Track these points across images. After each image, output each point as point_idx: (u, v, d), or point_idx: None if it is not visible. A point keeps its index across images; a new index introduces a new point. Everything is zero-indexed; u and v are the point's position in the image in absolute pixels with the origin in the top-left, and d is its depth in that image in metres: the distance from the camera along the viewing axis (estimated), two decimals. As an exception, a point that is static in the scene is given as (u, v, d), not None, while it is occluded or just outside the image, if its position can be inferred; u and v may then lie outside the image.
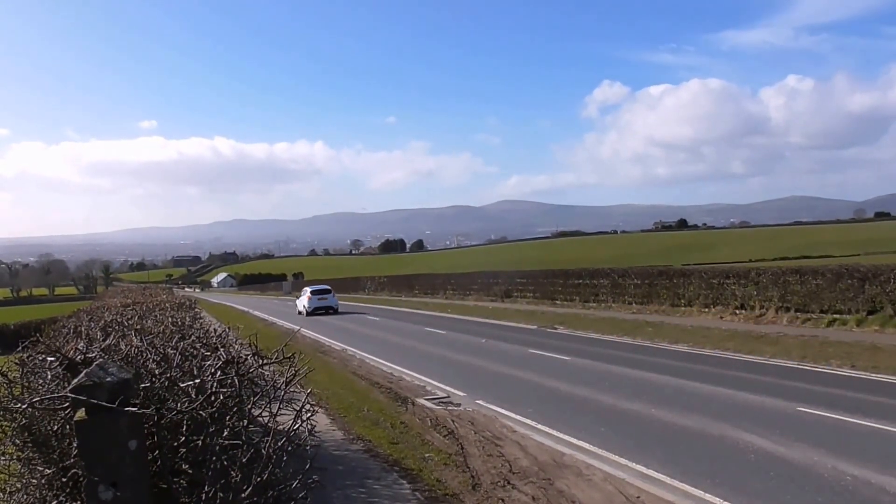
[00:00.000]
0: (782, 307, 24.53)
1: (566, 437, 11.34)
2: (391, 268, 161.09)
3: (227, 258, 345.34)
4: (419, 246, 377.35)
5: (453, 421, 12.75)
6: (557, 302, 38.64)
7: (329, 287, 51.83)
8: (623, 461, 9.83)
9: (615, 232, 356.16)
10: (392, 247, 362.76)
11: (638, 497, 8.43)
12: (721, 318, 26.27)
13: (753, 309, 25.61)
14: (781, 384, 14.57)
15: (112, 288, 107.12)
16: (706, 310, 27.90)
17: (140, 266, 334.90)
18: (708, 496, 8.28)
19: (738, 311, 26.28)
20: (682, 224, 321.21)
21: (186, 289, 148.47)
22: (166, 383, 4.03)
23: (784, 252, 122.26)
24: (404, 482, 9.04)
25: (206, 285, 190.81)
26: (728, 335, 21.82)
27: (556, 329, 28.25)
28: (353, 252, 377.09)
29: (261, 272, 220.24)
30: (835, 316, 22.63)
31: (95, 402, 3.07)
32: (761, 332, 21.76)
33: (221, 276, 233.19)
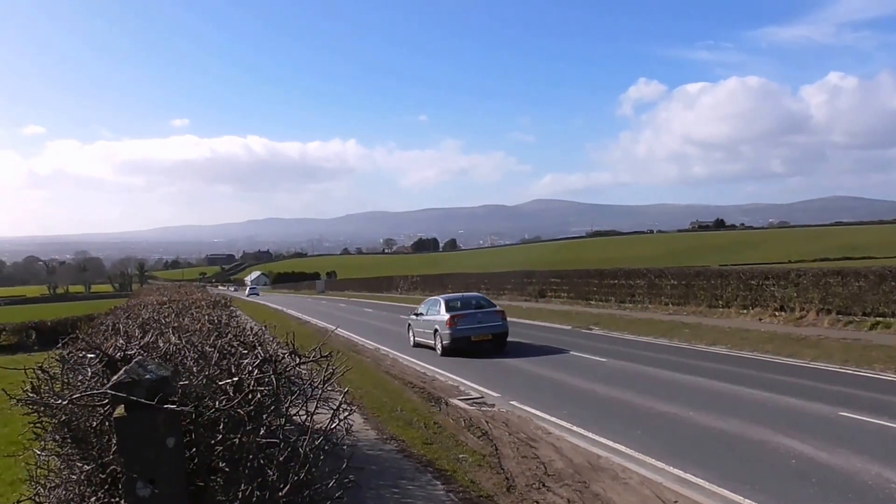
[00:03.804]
0: (823, 309, 24.10)
1: (602, 440, 11.23)
2: (424, 267, 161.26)
3: (260, 257, 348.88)
4: (452, 245, 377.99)
5: (487, 422, 12.71)
6: (592, 302, 38.38)
7: (257, 288, 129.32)
8: (660, 465, 9.71)
9: (651, 232, 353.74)
10: (425, 246, 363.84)
11: (675, 502, 8.31)
12: (760, 319, 25.90)
13: (793, 311, 25.21)
14: (823, 388, 14.30)
15: (147, 286, 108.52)
16: (745, 311, 27.53)
17: (174, 264, 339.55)
18: (748, 502, 8.14)
19: (777, 313, 25.88)
20: (720, 224, 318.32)
21: (220, 287, 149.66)
22: (204, 381, 4.03)
23: (825, 253, 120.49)
24: (438, 483, 9.00)
25: (239, 284, 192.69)
26: (767, 337, 21.49)
27: (591, 330, 28.06)
28: (386, 251, 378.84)
29: (294, 271, 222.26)
30: (878, 319, 22.17)
31: (134, 399, 3.07)
32: (801, 335, 21.41)
33: (255, 274, 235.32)
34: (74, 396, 3.92)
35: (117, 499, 3.64)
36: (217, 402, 3.86)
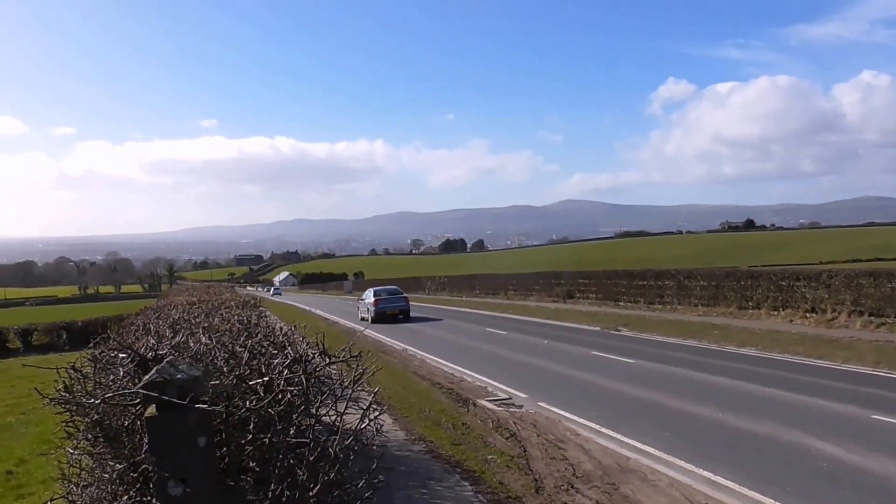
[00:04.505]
0: (855, 311, 23.77)
1: (630, 442, 11.16)
2: (451, 267, 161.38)
3: (288, 257, 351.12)
4: (480, 245, 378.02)
5: (515, 423, 12.67)
6: (621, 303, 38.15)
7: (280, 288, 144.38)
8: (689, 467, 9.63)
9: (680, 232, 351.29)
10: (452, 246, 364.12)
11: (706, 504, 8.24)
12: (791, 321, 25.61)
13: (825, 312, 24.89)
14: (855, 390, 14.11)
15: (176, 286, 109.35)
16: (775, 313, 27.24)
17: (203, 265, 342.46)
18: (779, 505, 8.06)
19: (808, 315, 25.57)
20: (750, 224, 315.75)
21: (249, 287, 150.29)
22: (235, 381, 4.05)
23: (857, 254, 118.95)
24: (466, 484, 8.99)
25: (268, 284, 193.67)
26: (798, 339, 21.25)
27: (619, 331, 27.91)
28: (414, 251, 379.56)
29: (322, 271, 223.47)
30: (911, 320, 21.84)
31: (166, 398, 3.09)
32: (833, 337, 21.14)
33: (283, 274, 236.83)
34: (107, 396, 3.96)
35: (149, 497, 3.66)
36: (247, 402, 3.88)
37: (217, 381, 3.90)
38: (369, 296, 41.43)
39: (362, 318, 41.26)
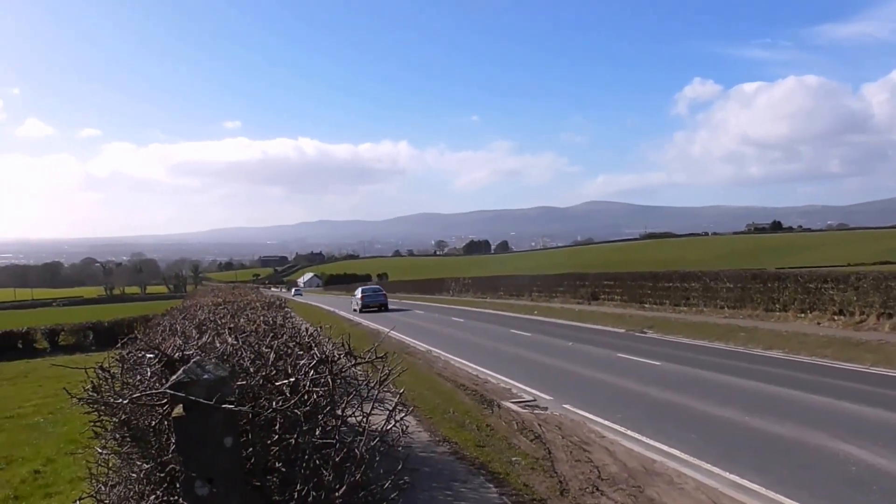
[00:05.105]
0: (884, 313, 23.46)
1: (656, 444, 11.08)
2: (475, 269, 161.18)
3: (312, 258, 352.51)
4: (504, 247, 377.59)
5: (540, 425, 12.63)
6: (646, 305, 37.94)
7: (301, 289, 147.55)
8: (716, 470, 9.54)
9: (706, 234, 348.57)
10: (476, 248, 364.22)
11: (732, 507, 8.17)
12: (818, 323, 25.33)
13: (853, 315, 24.59)
14: (883, 394, 13.93)
15: (201, 287, 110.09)
16: (802, 315, 26.95)
17: (228, 266, 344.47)
18: (807, 509, 7.97)
19: (836, 317, 25.27)
20: (777, 226, 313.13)
21: (273, 288, 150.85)
22: (261, 381, 4.06)
23: (886, 256, 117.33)
24: (491, 486, 8.96)
25: (292, 285, 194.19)
26: (825, 342, 21.02)
27: (644, 333, 27.76)
28: (438, 253, 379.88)
29: (346, 272, 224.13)
30: (941, 323, 21.53)
31: (193, 398, 3.10)
32: (861, 340, 20.88)
33: (308, 275, 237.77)
34: (134, 396, 3.98)
35: (176, 497, 3.69)
36: (274, 403, 3.89)
37: (243, 382, 3.92)
38: (358, 293, 56.06)
39: (354, 310, 53.29)
